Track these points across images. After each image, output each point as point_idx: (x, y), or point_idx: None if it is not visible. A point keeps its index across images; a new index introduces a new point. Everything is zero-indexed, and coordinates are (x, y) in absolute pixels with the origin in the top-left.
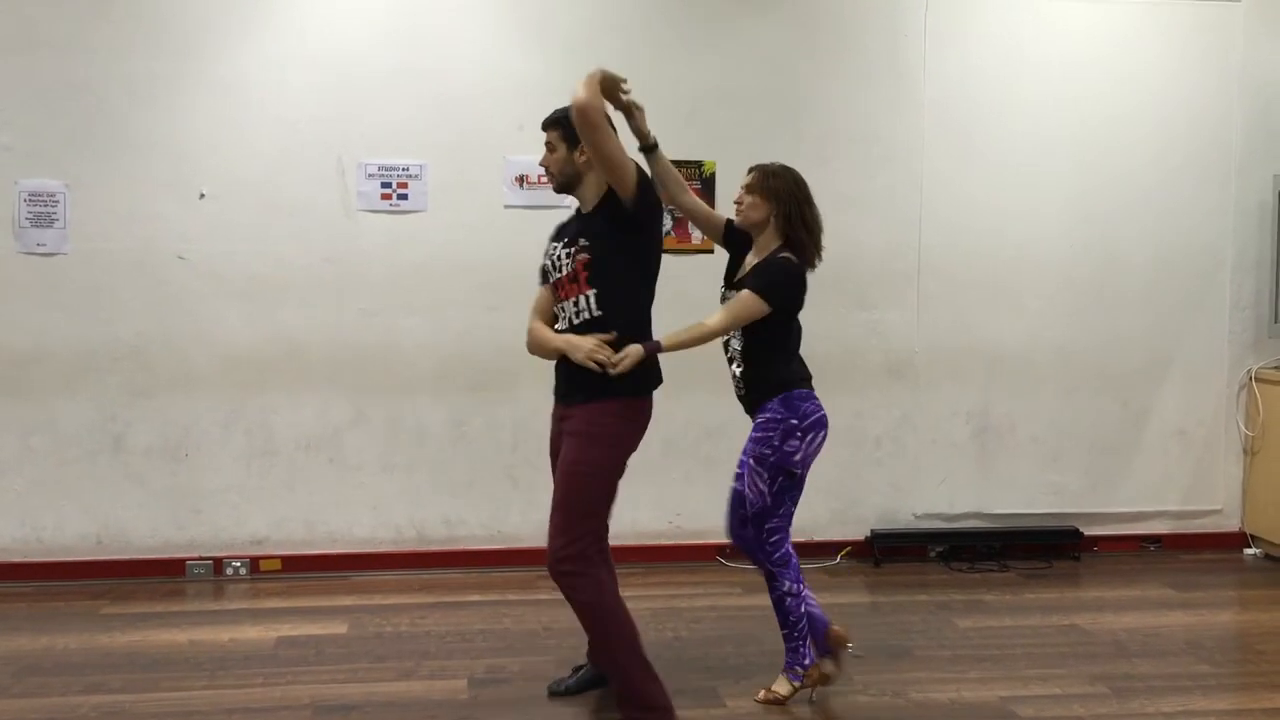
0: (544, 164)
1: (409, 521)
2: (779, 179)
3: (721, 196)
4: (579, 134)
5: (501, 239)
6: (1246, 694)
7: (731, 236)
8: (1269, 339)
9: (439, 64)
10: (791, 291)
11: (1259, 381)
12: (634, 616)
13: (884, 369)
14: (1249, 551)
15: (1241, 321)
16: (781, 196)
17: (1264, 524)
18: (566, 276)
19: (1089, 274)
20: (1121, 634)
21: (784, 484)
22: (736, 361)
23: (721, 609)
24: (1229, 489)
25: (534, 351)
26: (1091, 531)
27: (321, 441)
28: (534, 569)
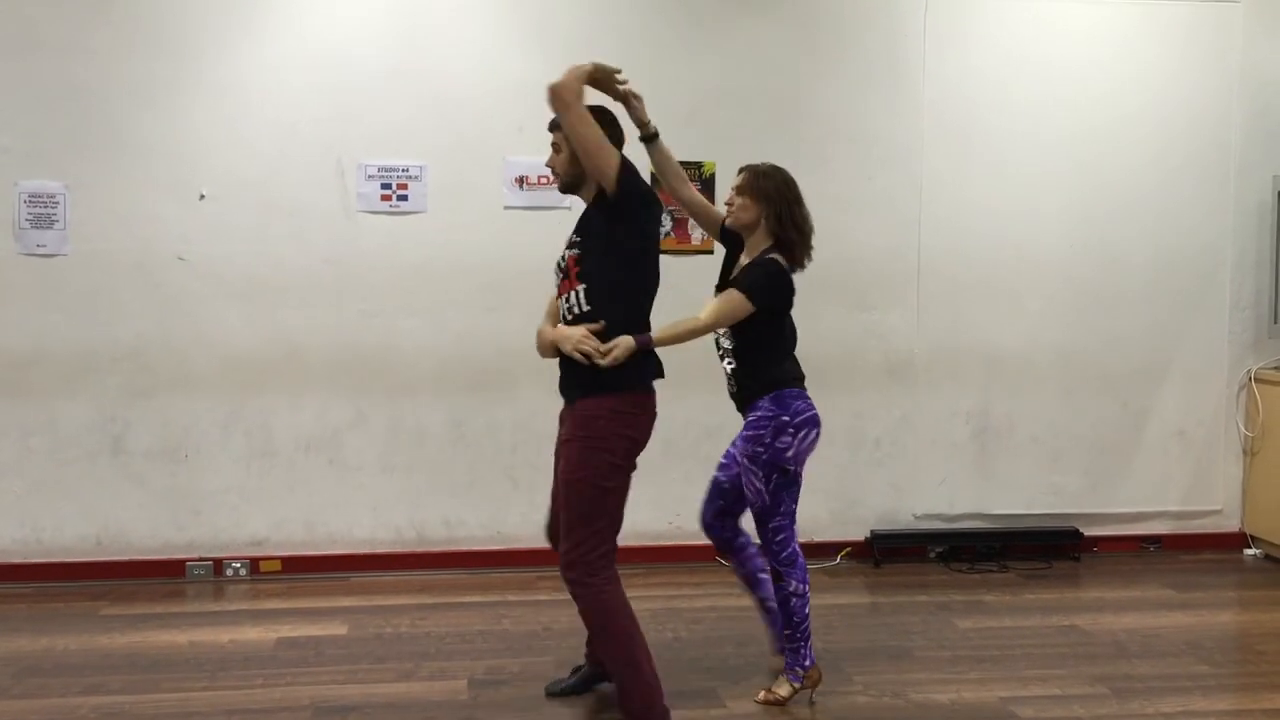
0: (550, 164)
1: (409, 522)
2: (769, 179)
3: (721, 197)
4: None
5: (501, 240)
6: (1246, 694)
7: (728, 234)
8: (1269, 339)
9: (439, 65)
10: (775, 292)
11: (1259, 382)
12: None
13: (884, 370)
14: (1249, 552)
15: (1241, 321)
16: (772, 198)
17: (1264, 524)
18: (563, 274)
19: (1089, 274)
20: (1121, 634)
21: (779, 481)
22: (728, 359)
23: (721, 609)
24: (1229, 489)
25: (541, 353)
26: (1091, 532)
27: (321, 442)
28: (534, 570)
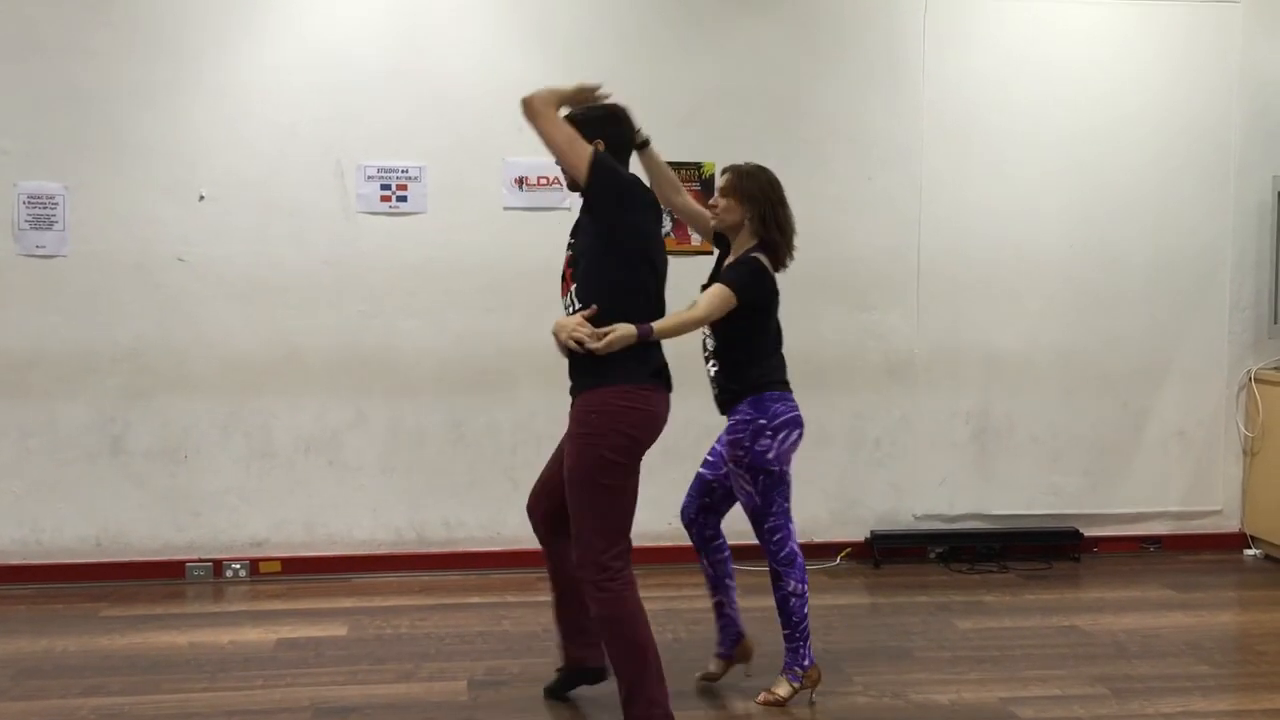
0: (558, 162)
1: (409, 523)
2: (753, 180)
3: None
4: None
5: (501, 241)
6: (1246, 695)
7: (721, 237)
8: (1269, 339)
9: (438, 65)
10: (757, 289)
11: (1258, 382)
12: None
13: (884, 370)
14: (1249, 552)
15: (1241, 322)
16: (756, 198)
17: (1264, 525)
18: (562, 276)
19: (1088, 275)
20: (1121, 635)
21: (767, 482)
22: (711, 361)
23: None
24: (1229, 490)
25: (560, 350)
26: (1091, 532)
27: (321, 443)
28: (533, 570)
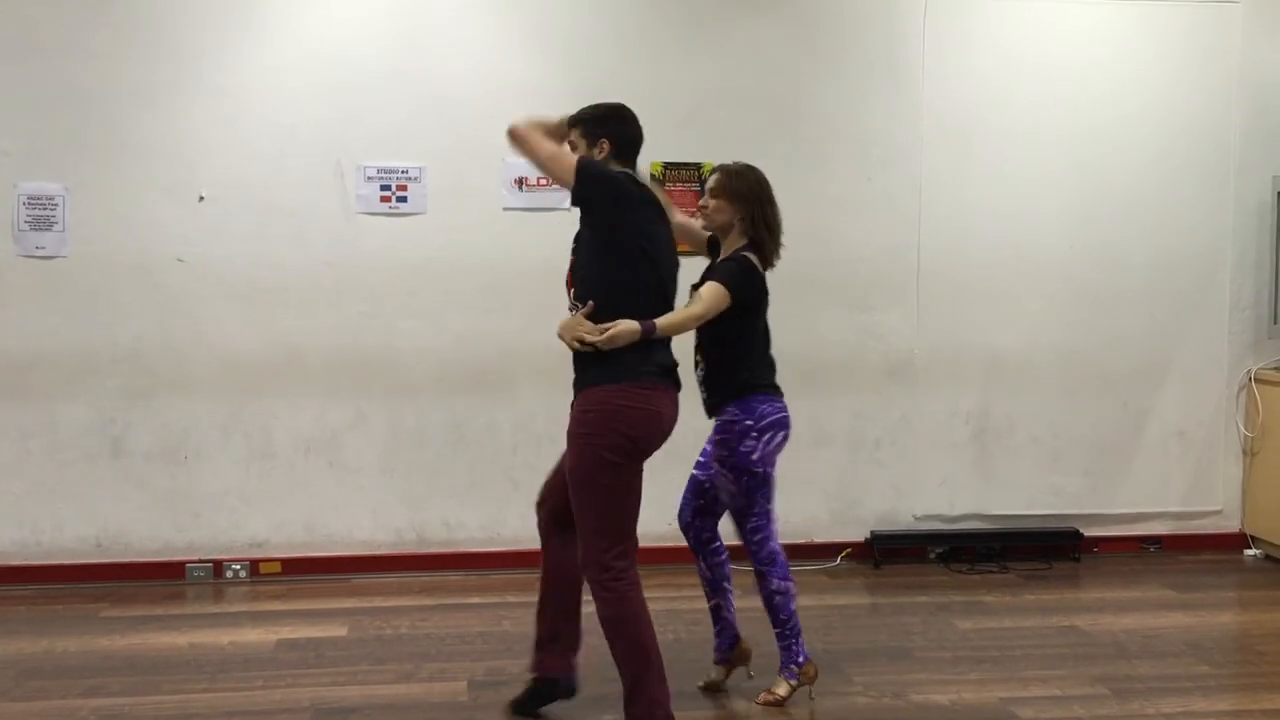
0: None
1: (409, 524)
2: (743, 180)
3: None
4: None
5: (501, 241)
6: (1247, 695)
7: (714, 246)
8: (1268, 339)
9: (438, 65)
10: (748, 287)
11: (1258, 382)
12: None
13: (883, 370)
14: (1249, 552)
15: (1241, 322)
16: (746, 198)
17: (1264, 525)
18: (566, 280)
19: (1088, 275)
20: (1121, 635)
21: (750, 483)
22: (699, 362)
23: None
24: (1229, 490)
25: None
26: (1091, 532)
27: (321, 444)
28: (533, 571)
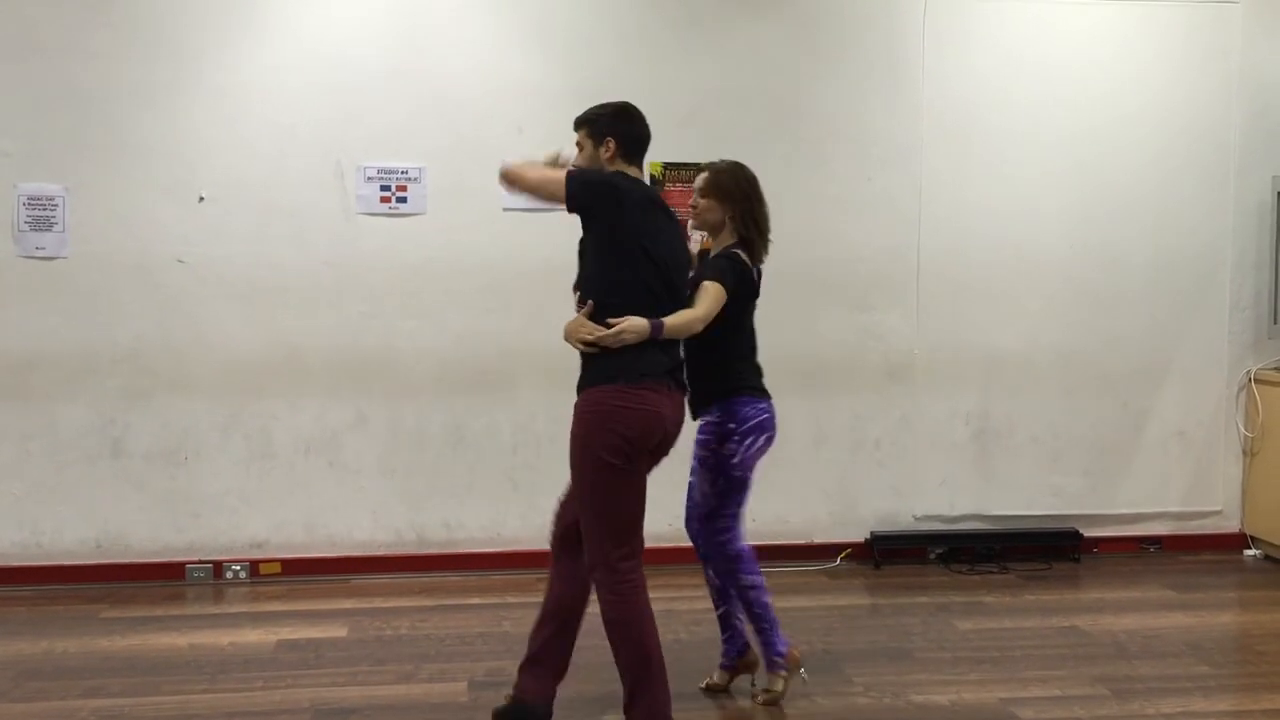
0: (576, 163)
1: (409, 524)
2: (732, 178)
3: None
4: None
5: (501, 242)
6: (1247, 695)
7: (702, 255)
8: (1268, 339)
9: (438, 65)
10: (741, 281)
11: (1258, 382)
12: None
13: (883, 371)
14: (1249, 553)
15: (1241, 322)
16: (735, 197)
17: (1264, 525)
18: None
19: (1088, 275)
20: (1121, 635)
21: (725, 486)
22: (683, 365)
23: None
24: (1228, 490)
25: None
26: (1091, 533)
27: (321, 445)
28: (533, 572)
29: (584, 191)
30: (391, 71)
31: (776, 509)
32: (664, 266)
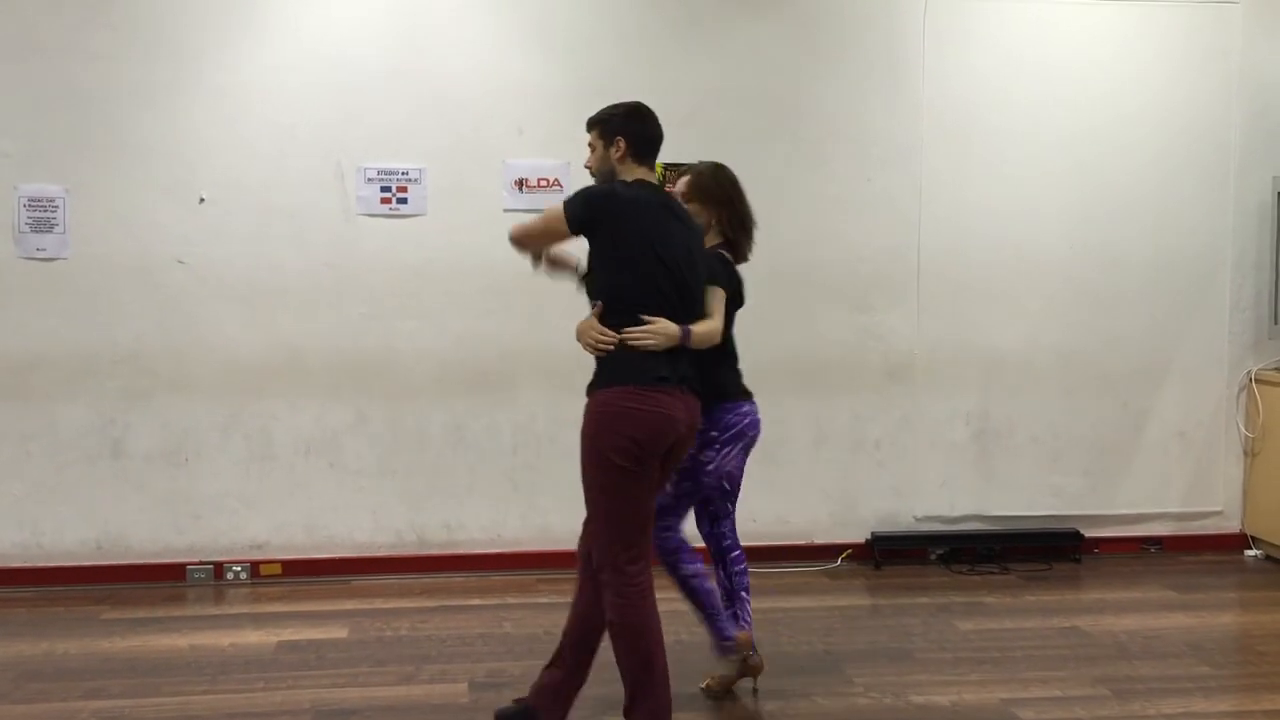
0: (586, 165)
1: (409, 525)
2: (713, 180)
3: None
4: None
5: (501, 243)
6: (1248, 695)
7: None
8: (1269, 340)
9: (439, 66)
10: (737, 281)
11: (1259, 383)
12: None
13: (883, 371)
14: (1250, 553)
15: (1241, 322)
16: (719, 199)
17: (1264, 525)
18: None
19: (1088, 275)
20: (1122, 636)
21: (688, 489)
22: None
23: None
24: (1229, 490)
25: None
26: (1092, 533)
27: (321, 445)
28: (534, 572)
29: (582, 209)
30: (391, 71)
31: (777, 509)
32: (675, 268)
